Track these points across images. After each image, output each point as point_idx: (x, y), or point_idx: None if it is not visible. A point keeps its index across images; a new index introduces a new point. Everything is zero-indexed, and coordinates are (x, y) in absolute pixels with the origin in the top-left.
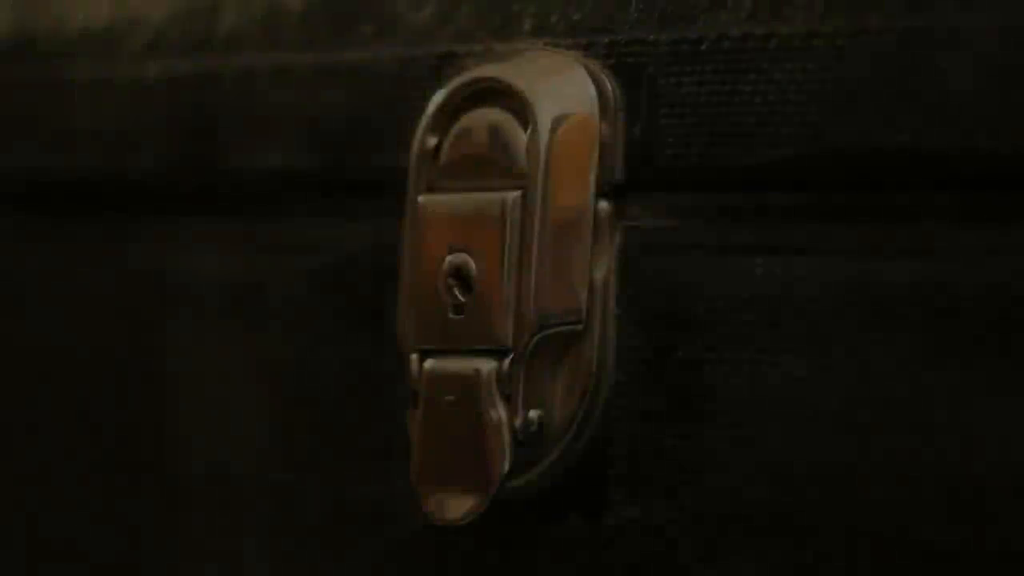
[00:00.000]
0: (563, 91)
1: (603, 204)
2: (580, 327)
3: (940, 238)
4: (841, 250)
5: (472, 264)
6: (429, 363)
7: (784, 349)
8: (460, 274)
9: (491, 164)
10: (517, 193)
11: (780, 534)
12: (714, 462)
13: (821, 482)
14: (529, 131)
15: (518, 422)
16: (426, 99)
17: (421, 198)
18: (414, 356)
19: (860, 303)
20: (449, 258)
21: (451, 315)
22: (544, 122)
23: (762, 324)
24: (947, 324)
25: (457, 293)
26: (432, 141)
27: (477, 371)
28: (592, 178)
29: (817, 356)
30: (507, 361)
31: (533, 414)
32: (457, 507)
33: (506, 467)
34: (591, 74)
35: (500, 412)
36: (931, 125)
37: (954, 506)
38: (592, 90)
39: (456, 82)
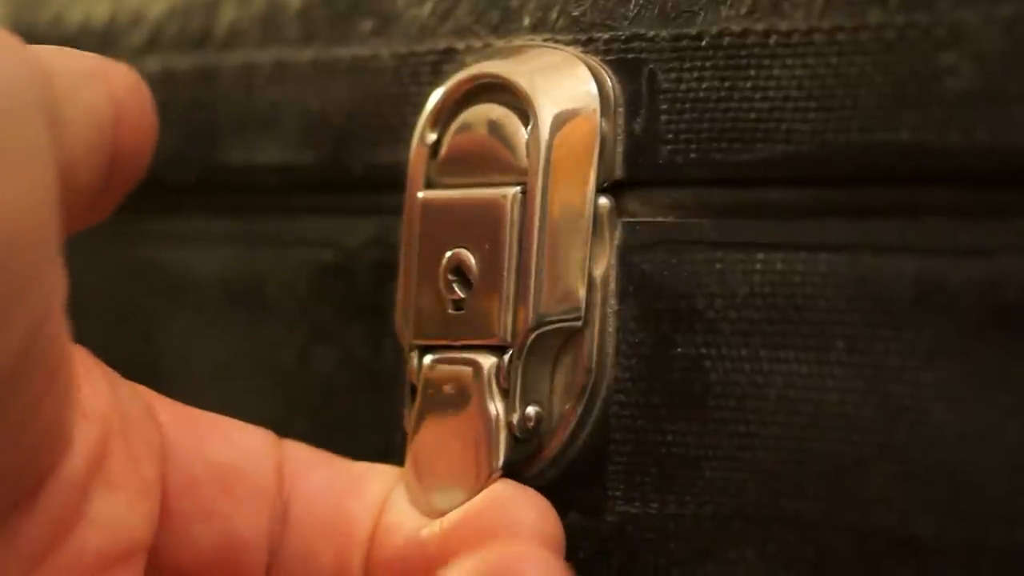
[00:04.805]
0: (563, 87)
1: (603, 200)
2: (579, 324)
3: (940, 234)
4: (841, 246)
5: (472, 260)
6: (428, 359)
7: (784, 345)
8: (460, 270)
9: (491, 160)
10: (517, 189)
11: (780, 531)
12: (714, 458)
13: (821, 478)
14: (530, 127)
15: (515, 417)
16: (426, 95)
17: (421, 194)
18: (414, 352)
19: (860, 299)
20: (449, 254)
21: (451, 311)
22: (545, 118)
23: (762, 320)
24: (947, 320)
25: (457, 289)
26: (432, 137)
27: (476, 366)
28: (592, 174)
29: (817, 352)
30: (506, 357)
31: (531, 410)
32: (451, 502)
33: (501, 462)
34: (591, 70)
35: (497, 407)
36: (931, 121)
37: (954, 503)
38: (592, 86)
39: (456, 78)
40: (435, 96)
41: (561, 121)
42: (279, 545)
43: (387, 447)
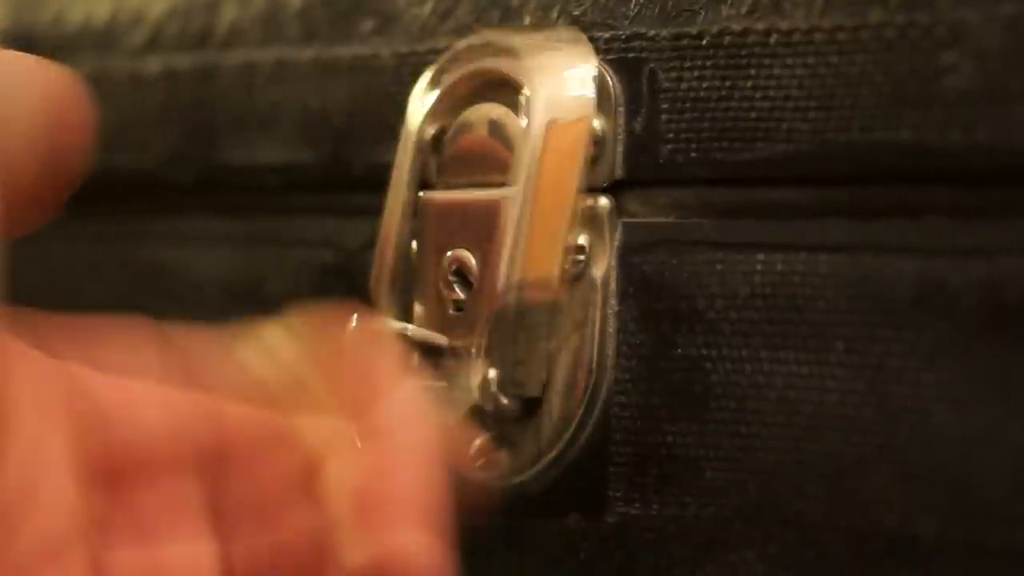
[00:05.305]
0: (563, 86)
1: (603, 200)
2: (553, 314)
3: (941, 234)
4: (841, 246)
5: (471, 259)
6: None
7: (784, 345)
8: (459, 270)
9: (490, 158)
10: (517, 187)
11: (780, 531)
12: (714, 459)
13: (821, 479)
14: (526, 126)
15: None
16: (425, 94)
17: (420, 193)
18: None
19: (861, 299)
20: (449, 254)
21: (451, 311)
22: (542, 118)
23: (762, 321)
24: (948, 320)
25: (457, 289)
26: (431, 136)
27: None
28: (589, 173)
29: (817, 353)
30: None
31: (505, 400)
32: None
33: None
34: (591, 69)
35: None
36: (931, 120)
37: (955, 504)
38: (592, 85)
39: (456, 77)
40: (435, 95)
41: (558, 120)
42: (226, 498)
43: None
